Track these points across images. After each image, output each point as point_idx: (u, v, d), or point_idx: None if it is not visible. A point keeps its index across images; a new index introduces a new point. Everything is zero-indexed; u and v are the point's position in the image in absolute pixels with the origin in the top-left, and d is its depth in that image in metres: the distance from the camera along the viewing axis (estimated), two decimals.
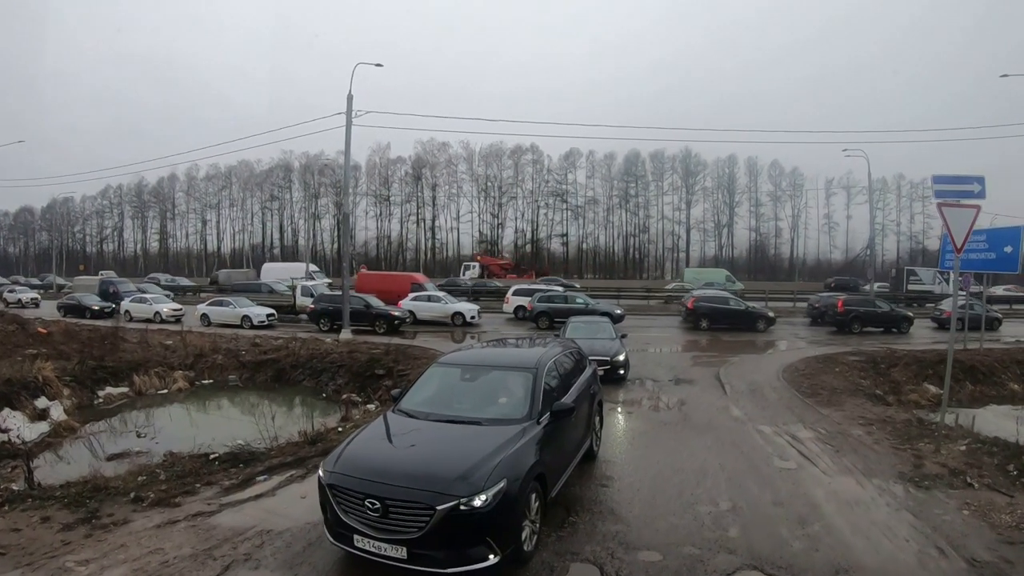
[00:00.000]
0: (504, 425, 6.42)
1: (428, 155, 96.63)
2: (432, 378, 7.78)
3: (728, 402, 13.81)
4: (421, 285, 35.04)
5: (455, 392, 7.48)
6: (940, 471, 8.94)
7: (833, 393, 14.65)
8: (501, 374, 7.52)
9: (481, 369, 7.70)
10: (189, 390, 20.83)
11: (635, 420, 12.24)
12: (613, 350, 15.72)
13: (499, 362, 7.96)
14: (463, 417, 6.68)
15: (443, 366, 7.98)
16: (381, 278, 39.65)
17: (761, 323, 27.95)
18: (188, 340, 24.70)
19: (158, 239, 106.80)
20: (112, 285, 40.28)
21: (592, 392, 9.06)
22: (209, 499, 7.99)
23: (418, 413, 6.91)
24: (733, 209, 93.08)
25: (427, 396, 7.39)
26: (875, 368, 18.43)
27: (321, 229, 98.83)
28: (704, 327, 28.15)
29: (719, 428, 11.48)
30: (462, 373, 7.70)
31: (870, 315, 28.28)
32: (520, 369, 7.37)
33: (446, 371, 7.85)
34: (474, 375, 7.60)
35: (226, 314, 31.17)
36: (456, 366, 7.90)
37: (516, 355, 8.65)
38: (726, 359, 20.08)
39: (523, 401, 6.83)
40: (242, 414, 17.85)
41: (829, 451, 9.95)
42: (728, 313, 28.51)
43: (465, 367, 7.82)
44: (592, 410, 9.03)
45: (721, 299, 29.90)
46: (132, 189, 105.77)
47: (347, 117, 24.98)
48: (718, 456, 9.59)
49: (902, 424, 11.83)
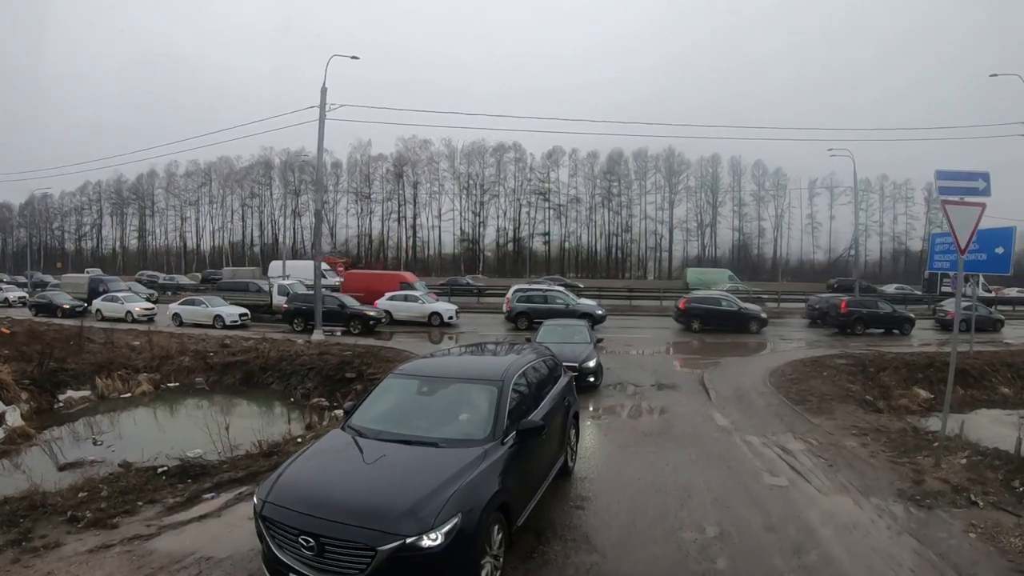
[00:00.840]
0: (464, 447, 5.64)
1: (410, 152, 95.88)
2: (387, 391, 6.97)
3: (713, 410, 13.07)
4: (410, 284, 34.10)
5: (411, 408, 6.69)
6: (941, 488, 8.32)
7: (823, 400, 13.99)
8: (463, 387, 6.73)
9: (441, 382, 6.91)
10: (154, 393, 20.01)
11: (614, 431, 11.43)
12: (583, 355, 14.86)
13: (461, 373, 7.19)
14: (418, 437, 5.88)
15: (400, 377, 7.14)
16: (369, 277, 38.55)
17: (753, 324, 27.50)
18: (155, 341, 23.84)
19: (137, 236, 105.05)
20: (103, 283, 39.11)
21: (567, 403, 8.34)
22: (150, 520, 7.33)
23: (368, 431, 6.10)
24: (716, 209, 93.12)
25: (381, 412, 6.59)
26: (864, 372, 17.84)
27: (301, 227, 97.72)
28: (696, 328, 27.57)
29: (704, 439, 10.76)
30: (420, 386, 6.90)
31: (873, 316, 27.93)
32: (484, 382, 6.59)
33: (403, 383, 7.03)
34: (433, 388, 6.80)
35: (198, 313, 30.35)
36: (414, 377, 7.08)
37: (481, 365, 7.84)
38: (712, 361, 19.50)
39: (486, 419, 6.04)
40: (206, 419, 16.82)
41: (822, 465, 9.27)
42: (720, 314, 27.95)
43: (423, 379, 7.03)
44: (567, 423, 8.31)
45: (713, 300, 29.31)
46: (111, 185, 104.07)
47: (320, 110, 24.15)
48: (703, 472, 8.87)
49: (897, 434, 11.19)
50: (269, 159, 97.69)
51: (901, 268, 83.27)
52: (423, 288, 35.66)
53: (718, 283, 47.94)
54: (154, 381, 20.67)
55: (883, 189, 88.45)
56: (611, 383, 15.76)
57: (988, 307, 33.77)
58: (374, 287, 32.67)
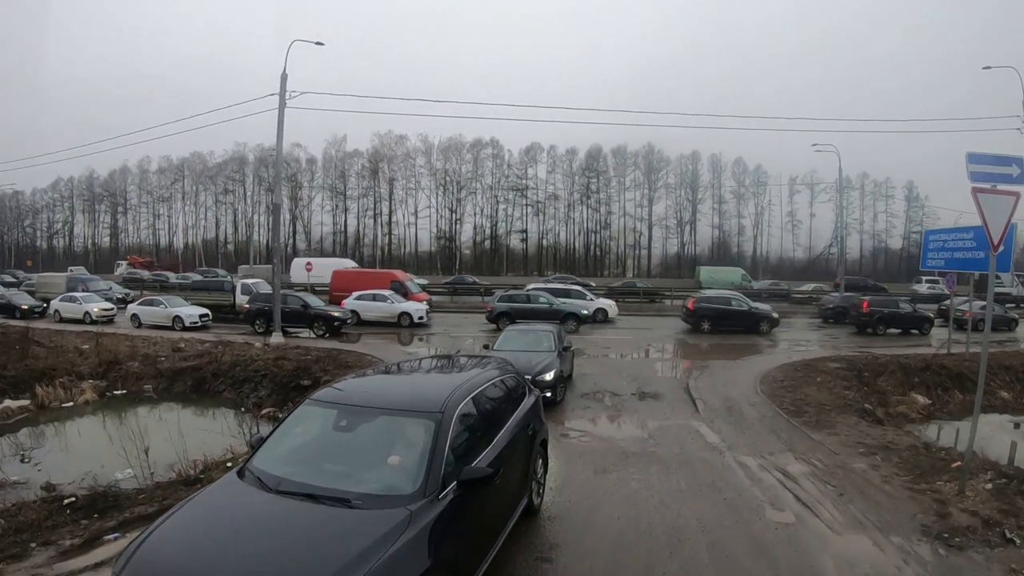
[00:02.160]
0: (383, 508, 4.19)
1: (385, 148, 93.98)
2: (300, 422, 5.53)
3: (702, 424, 11.75)
4: (402, 283, 32.61)
5: (326, 447, 5.29)
6: (971, 521, 7.11)
7: (821, 410, 12.72)
8: (391, 421, 5.22)
9: (364, 413, 5.32)
10: (98, 402, 18.55)
11: (590, 452, 10.02)
12: (540, 366, 13.01)
13: (391, 402, 5.54)
14: (328, 491, 4.38)
15: (316, 405, 5.61)
16: (358, 276, 36.34)
17: (764, 324, 26.46)
18: (104, 344, 22.33)
19: (109, 233, 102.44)
20: (81, 283, 37.48)
21: (532, 431, 6.95)
22: (39, 567, 6.19)
23: (269, 479, 4.64)
24: (696, 206, 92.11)
25: (289, 450, 5.20)
26: (859, 377, 16.69)
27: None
28: (705, 329, 26.39)
29: (693, 462, 9.43)
30: (338, 418, 5.36)
31: (894, 316, 27.22)
32: (418, 414, 5.09)
33: (320, 413, 5.54)
34: (353, 422, 5.28)
35: (157, 314, 28.88)
36: (332, 406, 5.51)
37: (419, 389, 6.22)
38: (701, 365, 18.34)
39: (417, 466, 4.58)
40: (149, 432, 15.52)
41: (831, 494, 7.99)
42: (731, 314, 26.86)
43: (344, 409, 5.42)
44: (533, 453, 6.90)
45: (723, 299, 28.15)
46: (83, 181, 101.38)
47: (280, 98, 22.68)
48: (695, 505, 7.55)
49: (908, 452, 9.96)
50: (243, 155, 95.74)
51: (881, 266, 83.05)
52: (417, 287, 34.44)
53: (732, 282, 47.02)
54: (99, 389, 19.30)
55: (863, 187, 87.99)
56: (588, 391, 14.52)
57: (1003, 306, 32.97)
58: (364, 286, 31.08)
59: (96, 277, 43.91)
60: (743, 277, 50.87)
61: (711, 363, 18.79)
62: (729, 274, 52.94)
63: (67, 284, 36.98)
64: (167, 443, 11.44)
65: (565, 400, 13.57)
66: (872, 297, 29.88)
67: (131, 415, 17.40)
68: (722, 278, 49.55)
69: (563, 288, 32.43)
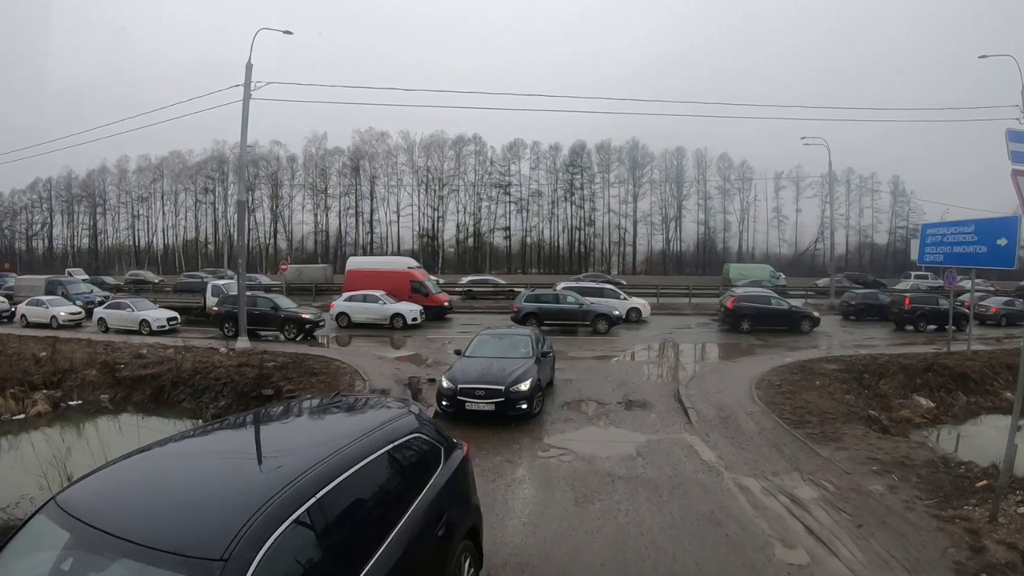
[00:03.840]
0: None
1: (366, 145, 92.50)
2: (28, 548, 3.31)
3: (696, 438, 10.61)
4: (422, 283, 30.96)
5: None
6: (1009, 556, 6.20)
7: (824, 420, 11.62)
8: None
9: (101, 549, 2.99)
10: (52, 414, 17.40)
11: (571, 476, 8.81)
12: (513, 375, 11.76)
13: (150, 528, 3.03)
14: None
15: (51, 520, 3.28)
16: (373, 275, 32.94)
17: (806, 323, 25.45)
18: (61, 351, 21.10)
19: (89, 234, 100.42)
20: (60, 285, 35.66)
21: (450, 520, 4.76)
22: None
23: None
24: (681, 203, 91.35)
25: None
26: (859, 380, 15.68)
27: (257, 223, 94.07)
28: (745, 329, 25.20)
29: (688, 486, 8.31)
30: (64, 555, 3.15)
31: (935, 312, 26.49)
32: (175, 568, 2.81)
33: (49, 539, 3.23)
34: (82, 565, 3.09)
35: (123, 318, 27.56)
36: (68, 526, 3.18)
37: (209, 494, 3.45)
38: (692, 368, 17.28)
39: None
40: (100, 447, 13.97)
41: (848, 525, 6.93)
42: (772, 313, 25.83)
43: (77, 535, 3.11)
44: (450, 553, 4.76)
45: (763, 298, 27.09)
46: (62, 182, 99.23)
47: (245, 89, 21.37)
48: (692, 546, 6.46)
49: (926, 468, 8.91)
50: (222, 153, 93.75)
51: (867, 261, 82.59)
52: (435, 286, 32.81)
53: (761, 278, 45.85)
54: (53, 399, 18.10)
55: (849, 182, 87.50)
56: (571, 400, 13.35)
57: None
58: (381, 286, 29.40)
59: (75, 279, 42.10)
60: (771, 274, 49.76)
61: (700, 368, 17.69)
62: (758, 270, 51.56)
63: (46, 287, 35.36)
64: None
65: (544, 410, 12.42)
66: (913, 294, 29.42)
67: (86, 427, 16.59)
68: (751, 274, 48.34)
69: (595, 287, 30.66)
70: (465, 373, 12.04)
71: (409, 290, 29.82)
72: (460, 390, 11.59)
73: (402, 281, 30.70)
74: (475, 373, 11.94)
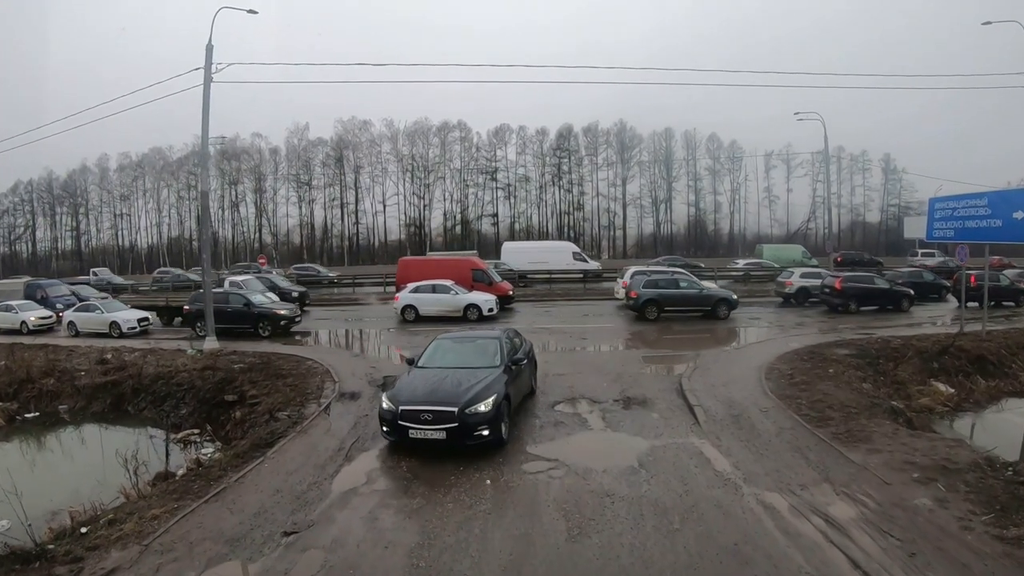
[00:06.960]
0: None
1: (349, 135, 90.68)
2: None
3: (706, 443, 9.25)
4: (484, 271, 29.00)
5: None
6: None
7: (847, 414, 10.35)
8: None
9: None
10: (6, 428, 16.68)
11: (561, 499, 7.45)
12: (470, 394, 9.36)
13: None
14: None
15: None
16: (434, 265, 31.10)
17: (905, 302, 25.47)
18: (19, 358, 20.08)
19: (72, 236, 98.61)
20: (39, 288, 34.15)
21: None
22: None
23: None
24: (671, 184, 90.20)
25: None
26: (873, 365, 14.54)
27: (240, 218, 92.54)
28: (853, 309, 24.54)
29: (702, 508, 6.96)
30: None
31: (996, 289, 25.60)
32: None
33: None
34: None
35: (93, 321, 26.32)
36: None
37: None
38: (684, 355, 15.98)
39: None
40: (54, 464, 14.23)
41: (899, 554, 5.67)
42: (877, 292, 25.68)
43: None
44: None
45: (867, 278, 26.89)
46: (42, 183, 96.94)
47: (205, 72, 19.94)
48: None
49: (972, 473, 7.64)
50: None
51: (859, 240, 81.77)
52: (494, 273, 30.44)
53: (793, 259, 46.14)
54: (9, 411, 17.36)
55: (840, 160, 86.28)
56: (564, 398, 11.94)
57: None
58: (439, 276, 27.27)
59: (56, 281, 40.47)
60: (803, 254, 49.60)
61: (701, 352, 16.34)
62: (791, 251, 51.68)
63: (25, 291, 33.91)
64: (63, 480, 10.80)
65: (532, 413, 11.12)
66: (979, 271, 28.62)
67: (43, 441, 15.93)
68: (785, 256, 48.32)
69: (671, 271, 28.64)
70: (411, 390, 9.75)
71: (471, 280, 27.77)
72: (401, 413, 9.20)
73: (463, 270, 28.76)
74: (423, 390, 9.62)
